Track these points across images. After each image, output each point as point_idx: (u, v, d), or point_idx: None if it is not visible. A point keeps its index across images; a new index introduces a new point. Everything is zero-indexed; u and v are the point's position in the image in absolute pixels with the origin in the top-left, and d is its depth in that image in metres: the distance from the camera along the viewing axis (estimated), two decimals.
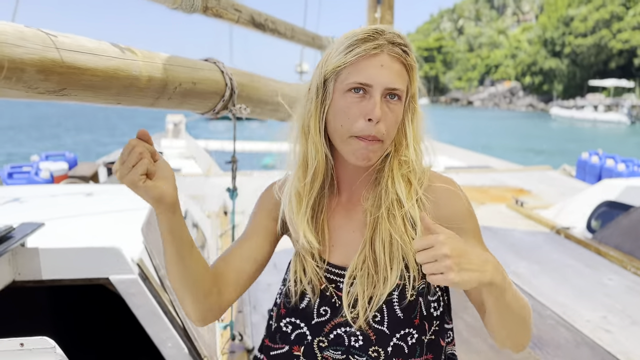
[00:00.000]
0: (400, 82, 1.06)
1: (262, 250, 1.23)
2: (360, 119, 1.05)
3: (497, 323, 1.05)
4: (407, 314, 1.11)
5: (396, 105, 1.07)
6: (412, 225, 1.10)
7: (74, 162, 7.88)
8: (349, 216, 1.17)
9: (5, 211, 2.88)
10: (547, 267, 4.52)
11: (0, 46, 0.91)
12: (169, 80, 1.39)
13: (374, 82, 1.04)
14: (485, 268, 0.93)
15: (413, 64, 1.09)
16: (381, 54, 1.05)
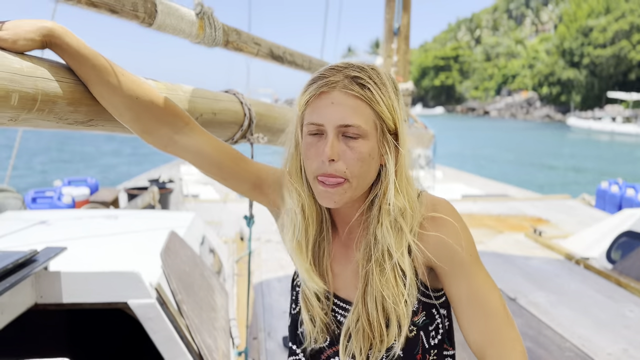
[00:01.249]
0: (357, 118, 1.00)
1: (222, 157, 1.21)
2: (316, 160, 1.03)
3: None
4: (408, 351, 1.11)
5: (357, 143, 1.01)
6: (402, 278, 1.06)
7: (96, 187, 8.02)
8: (348, 256, 1.16)
9: (29, 235, 2.96)
10: (565, 297, 4.45)
11: (37, 81, 0.98)
12: (191, 111, 1.45)
13: (325, 121, 1.01)
14: None
15: (376, 98, 1.02)
16: (332, 91, 1.02)
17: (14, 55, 0.96)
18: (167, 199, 7.12)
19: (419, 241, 1.07)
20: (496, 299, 1.07)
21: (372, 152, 1.03)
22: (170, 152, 1.21)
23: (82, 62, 1.05)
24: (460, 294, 1.07)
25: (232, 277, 4.56)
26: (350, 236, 1.15)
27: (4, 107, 0.94)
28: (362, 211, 1.11)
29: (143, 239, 2.94)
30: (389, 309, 1.06)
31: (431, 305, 1.13)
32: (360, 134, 1.01)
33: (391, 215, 1.05)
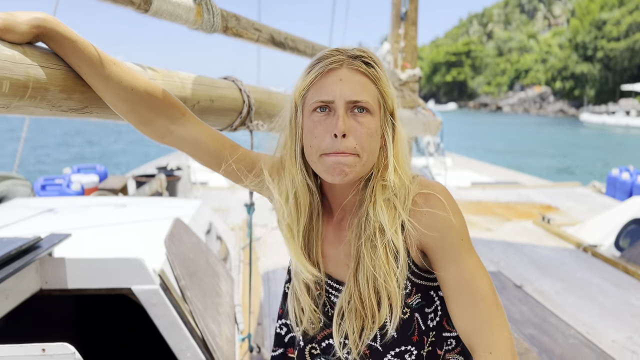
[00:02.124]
0: (365, 94, 1.04)
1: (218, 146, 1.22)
2: (326, 136, 1.03)
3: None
4: (402, 332, 1.11)
5: (366, 118, 1.04)
6: (395, 254, 1.07)
7: (104, 175, 8.08)
8: (340, 237, 1.16)
9: (37, 222, 2.99)
10: (572, 285, 4.44)
11: (28, 68, 0.98)
12: (188, 99, 1.45)
13: (334, 97, 1.03)
14: None
15: (380, 76, 1.06)
16: (340, 69, 1.05)
17: (4, 43, 0.96)
18: (174, 187, 7.16)
19: (411, 218, 1.07)
20: (486, 285, 1.06)
21: (377, 130, 1.07)
22: (167, 143, 1.22)
23: (75, 54, 1.04)
24: (450, 278, 1.07)
25: (238, 263, 4.59)
26: (343, 217, 1.16)
27: None
28: (357, 191, 1.11)
29: (148, 226, 2.97)
30: (380, 286, 1.07)
31: (427, 287, 1.13)
32: (368, 109, 1.04)
33: (386, 192, 1.07)
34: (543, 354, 3.16)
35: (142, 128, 1.19)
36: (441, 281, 1.09)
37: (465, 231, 1.09)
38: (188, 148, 1.22)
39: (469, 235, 1.10)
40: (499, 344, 1.03)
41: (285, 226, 1.17)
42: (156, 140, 1.21)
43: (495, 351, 1.02)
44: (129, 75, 1.12)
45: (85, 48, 1.05)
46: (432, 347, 1.15)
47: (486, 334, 1.04)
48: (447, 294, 1.08)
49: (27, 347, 1.25)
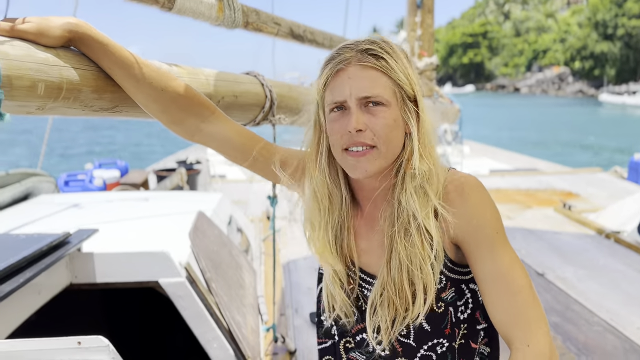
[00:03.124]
0: (376, 88, 1.04)
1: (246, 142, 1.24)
2: (344, 134, 1.05)
3: None
4: (435, 325, 1.12)
5: (381, 111, 1.04)
6: (429, 240, 1.07)
7: (125, 170, 8.18)
8: (373, 229, 1.17)
9: (63, 217, 3.05)
10: (594, 272, 4.40)
11: (61, 70, 1.01)
12: (213, 95, 1.47)
13: (345, 96, 1.05)
14: None
15: (392, 66, 1.05)
16: (348, 67, 1.05)
17: (38, 47, 0.99)
18: (194, 180, 7.23)
19: (445, 202, 1.08)
20: (522, 277, 1.05)
21: (397, 119, 1.06)
22: (197, 141, 1.25)
23: (107, 57, 1.07)
24: (485, 271, 1.06)
25: (259, 255, 4.64)
26: (375, 209, 1.16)
27: (32, 97, 0.98)
28: (388, 181, 1.12)
29: (172, 220, 3.01)
30: (413, 273, 1.07)
31: (460, 281, 1.13)
32: (381, 102, 1.04)
33: (416, 180, 1.07)
34: (567, 341, 3.15)
35: (173, 127, 1.21)
36: (476, 274, 1.08)
37: (500, 224, 1.09)
38: (217, 145, 1.25)
39: (504, 229, 1.09)
40: (537, 336, 1.01)
41: (308, 223, 1.19)
42: (186, 138, 1.24)
43: (532, 344, 1.00)
44: (159, 76, 1.14)
45: (117, 51, 1.07)
46: (464, 339, 1.15)
47: (523, 327, 1.03)
48: (483, 287, 1.07)
49: (63, 341, 1.28)
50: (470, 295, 1.15)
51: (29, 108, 1.01)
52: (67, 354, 1.28)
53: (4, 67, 0.91)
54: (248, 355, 2.36)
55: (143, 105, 1.17)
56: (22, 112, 1.01)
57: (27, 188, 4.16)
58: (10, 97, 0.94)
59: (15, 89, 0.94)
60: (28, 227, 2.76)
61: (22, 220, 2.96)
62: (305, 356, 3.00)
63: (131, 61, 1.10)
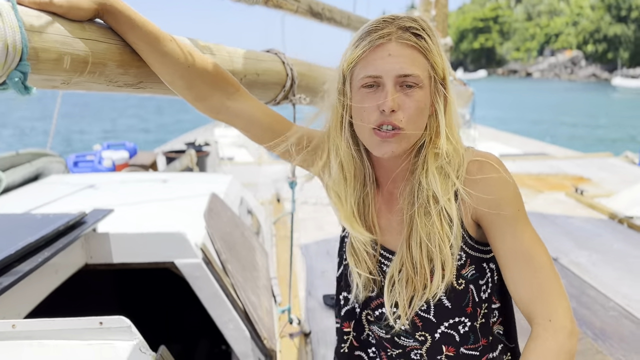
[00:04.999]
0: (415, 68, 1.02)
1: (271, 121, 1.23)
2: (375, 111, 1.03)
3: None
4: (456, 303, 1.11)
5: (415, 92, 1.02)
6: (448, 221, 1.06)
7: (134, 151, 8.16)
8: (392, 207, 1.16)
9: (75, 197, 3.04)
10: (609, 257, 4.37)
11: (87, 43, 0.97)
12: (235, 73, 1.43)
13: (383, 72, 1.02)
14: None
15: (430, 47, 1.03)
16: (388, 43, 1.02)
17: (63, 19, 0.95)
18: (204, 162, 7.21)
19: (465, 186, 1.06)
20: (543, 254, 1.05)
21: (427, 101, 1.05)
22: (222, 119, 1.22)
23: (133, 31, 1.04)
24: (506, 249, 1.05)
25: (270, 237, 4.63)
26: (394, 187, 1.15)
27: (58, 70, 0.95)
28: (408, 160, 1.11)
29: (185, 201, 2.99)
30: (432, 252, 1.07)
31: (480, 259, 1.12)
32: (417, 83, 1.02)
33: (438, 160, 1.06)
34: (583, 326, 3.13)
35: (197, 104, 1.19)
36: (497, 251, 1.07)
37: (521, 202, 1.08)
38: (241, 123, 1.22)
39: (524, 207, 1.08)
40: (558, 311, 1.01)
41: (334, 194, 1.18)
42: (211, 116, 1.21)
43: (554, 319, 1.00)
44: (185, 52, 1.11)
45: (143, 25, 1.04)
46: (484, 319, 1.14)
47: (544, 302, 1.02)
48: (504, 263, 1.06)
49: (85, 321, 1.27)
50: (490, 275, 1.15)
51: (54, 82, 0.98)
52: (89, 334, 1.27)
53: (31, 39, 0.88)
54: (264, 336, 2.36)
55: (168, 81, 1.14)
56: (48, 86, 0.98)
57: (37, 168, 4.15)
58: (37, 70, 0.91)
59: (42, 62, 0.91)
60: (42, 208, 2.75)
61: (34, 200, 2.95)
62: (320, 338, 3.00)
63: (157, 36, 1.07)
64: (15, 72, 0.86)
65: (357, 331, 1.25)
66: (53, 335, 1.23)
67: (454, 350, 1.13)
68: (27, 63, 0.87)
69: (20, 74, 0.87)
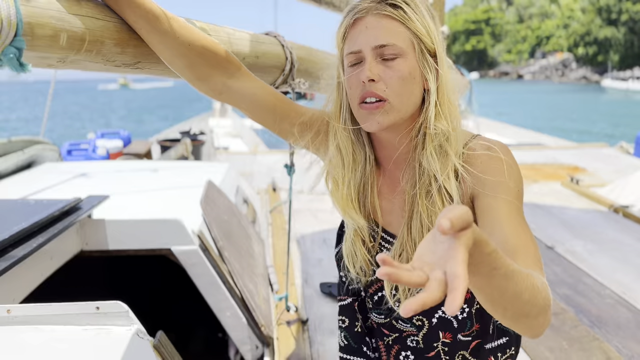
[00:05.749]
0: (392, 37, 1.00)
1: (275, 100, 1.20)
2: (359, 86, 1.03)
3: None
4: None
5: (396, 62, 1.01)
6: (449, 201, 1.03)
7: (128, 140, 8.11)
8: (395, 190, 1.14)
9: (70, 185, 3.01)
10: (604, 246, 4.38)
11: (84, 20, 0.95)
12: (234, 54, 1.41)
13: (361, 46, 1.02)
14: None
15: (410, 16, 1.01)
16: (365, 17, 1.02)
17: None
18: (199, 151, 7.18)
19: (466, 163, 1.03)
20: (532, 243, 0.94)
21: (413, 72, 1.02)
22: (224, 100, 1.20)
23: (131, 9, 1.02)
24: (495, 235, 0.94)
25: (267, 226, 4.62)
26: (397, 170, 1.13)
27: (54, 48, 0.92)
28: (409, 140, 1.08)
29: (182, 189, 2.97)
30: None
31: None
32: (397, 53, 1.01)
33: (435, 140, 1.03)
34: (580, 313, 3.14)
35: (198, 84, 1.16)
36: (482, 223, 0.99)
37: (520, 193, 1.01)
38: (245, 103, 1.20)
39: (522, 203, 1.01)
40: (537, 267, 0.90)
41: (331, 177, 1.17)
42: (213, 97, 1.19)
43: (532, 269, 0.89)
44: (185, 30, 1.09)
45: (142, 3, 1.02)
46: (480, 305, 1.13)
47: (524, 254, 0.91)
48: (483, 220, 0.98)
49: (82, 305, 1.25)
50: None
51: (50, 60, 0.95)
52: (86, 319, 1.25)
53: (26, 14, 0.85)
54: (261, 323, 2.35)
55: (168, 61, 1.12)
56: (43, 64, 0.96)
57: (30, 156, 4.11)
58: (32, 47, 0.88)
59: (37, 39, 0.88)
60: (36, 195, 2.71)
61: (28, 187, 2.92)
62: (317, 325, 2.99)
63: (157, 14, 1.04)
64: (9, 47, 0.84)
65: (362, 315, 1.24)
66: (49, 321, 1.21)
67: (451, 336, 1.12)
68: (22, 39, 0.85)
69: (15, 49, 0.84)
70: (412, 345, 1.15)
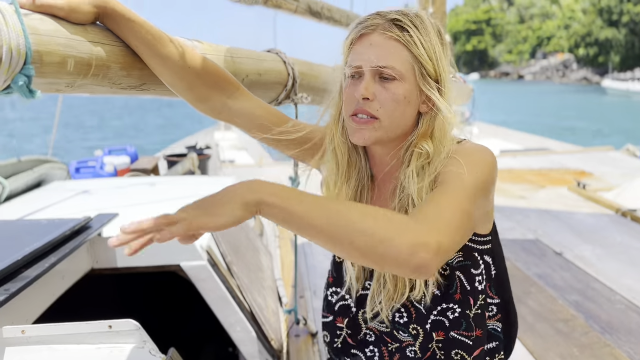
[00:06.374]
0: (393, 60, 1.02)
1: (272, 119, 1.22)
2: (353, 100, 1.05)
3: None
4: (444, 290, 1.11)
5: (393, 84, 1.03)
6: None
7: (135, 156, 8.15)
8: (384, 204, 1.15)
9: (78, 203, 3.04)
10: (613, 250, 4.36)
11: (90, 45, 0.97)
12: (237, 73, 1.43)
13: (362, 62, 1.04)
14: (218, 212, 0.89)
15: (415, 41, 1.02)
16: (372, 34, 1.04)
17: (66, 22, 0.95)
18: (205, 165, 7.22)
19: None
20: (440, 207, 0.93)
21: (408, 95, 1.04)
22: (224, 119, 1.23)
23: (133, 34, 1.05)
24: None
25: (274, 239, 4.63)
26: (387, 183, 1.16)
27: (61, 73, 0.95)
28: (398, 157, 1.11)
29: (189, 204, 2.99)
30: None
31: (469, 247, 1.12)
32: (395, 75, 1.03)
33: (420, 160, 1.06)
34: (590, 319, 3.13)
35: (198, 105, 1.19)
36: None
37: (473, 173, 0.99)
38: (244, 122, 1.23)
39: (478, 178, 1.00)
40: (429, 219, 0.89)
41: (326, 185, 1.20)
42: (213, 116, 1.22)
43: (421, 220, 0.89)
44: (185, 54, 1.12)
45: (143, 28, 1.05)
46: (480, 310, 1.13)
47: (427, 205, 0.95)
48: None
49: (94, 324, 1.27)
50: (484, 267, 1.14)
51: (58, 85, 0.98)
52: (98, 338, 1.27)
53: (35, 43, 0.88)
54: (271, 337, 2.36)
55: (169, 83, 1.15)
56: (52, 89, 0.98)
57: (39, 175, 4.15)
58: (41, 73, 0.91)
59: (46, 65, 0.91)
60: (45, 213, 2.74)
61: (38, 206, 2.95)
62: None
63: (157, 38, 1.07)
64: (19, 75, 0.86)
65: (352, 330, 1.24)
66: (63, 340, 1.23)
67: (443, 334, 1.12)
68: (31, 66, 0.87)
69: (25, 77, 0.87)
70: (411, 355, 1.16)
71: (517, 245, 4.51)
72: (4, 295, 1.38)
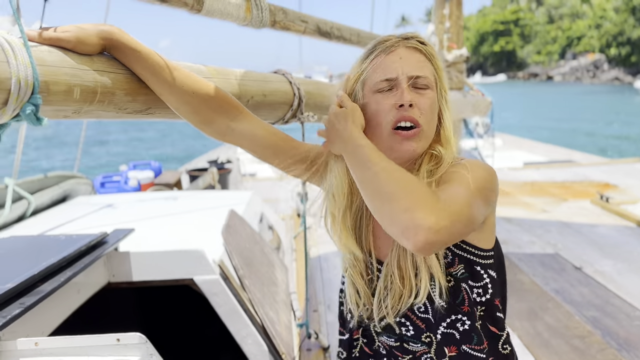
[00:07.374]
0: (424, 70, 1.12)
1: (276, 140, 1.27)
2: (392, 110, 1.10)
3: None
4: (451, 301, 1.13)
5: (427, 93, 1.11)
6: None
7: (159, 170, 8.31)
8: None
9: (100, 218, 3.13)
10: (635, 265, 4.28)
11: (95, 74, 1.04)
12: (242, 94, 1.49)
13: (397, 73, 1.10)
14: (335, 140, 1.11)
15: (434, 54, 1.14)
16: (398, 49, 1.13)
17: (72, 53, 1.02)
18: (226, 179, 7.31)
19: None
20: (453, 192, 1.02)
21: (435, 103, 1.14)
22: (228, 141, 1.28)
23: (138, 63, 1.11)
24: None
25: (290, 252, 4.67)
26: None
27: (68, 101, 1.01)
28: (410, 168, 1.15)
29: (205, 218, 3.06)
30: (419, 260, 1.11)
31: (469, 260, 1.14)
32: (427, 84, 1.12)
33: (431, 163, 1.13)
34: (607, 336, 3.08)
35: (204, 128, 1.24)
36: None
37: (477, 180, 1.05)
38: (247, 144, 1.27)
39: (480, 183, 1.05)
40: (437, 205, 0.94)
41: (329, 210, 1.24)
42: (217, 138, 1.27)
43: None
44: (190, 80, 1.17)
45: (148, 57, 1.10)
46: (482, 321, 1.15)
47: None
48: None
49: (103, 338, 1.32)
50: (490, 281, 1.16)
51: (65, 112, 1.04)
52: (107, 351, 1.32)
53: (42, 74, 0.94)
54: (282, 351, 2.39)
55: (174, 107, 1.20)
56: (59, 116, 1.05)
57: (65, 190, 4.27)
58: (48, 102, 0.97)
59: (53, 94, 0.97)
60: (67, 228, 2.84)
61: (61, 220, 3.05)
62: None
63: (162, 66, 1.13)
64: (27, 104, 0.93)
65: (367, 339, 1.28)
66: (73, 352, 1.28)
67: (455, 349, 1.15)
68: (38, 96, 0.94)
69: (33, 106, 0.93)
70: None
71: (536, 259, 4.46)
72: (19, 308, 1.45)
